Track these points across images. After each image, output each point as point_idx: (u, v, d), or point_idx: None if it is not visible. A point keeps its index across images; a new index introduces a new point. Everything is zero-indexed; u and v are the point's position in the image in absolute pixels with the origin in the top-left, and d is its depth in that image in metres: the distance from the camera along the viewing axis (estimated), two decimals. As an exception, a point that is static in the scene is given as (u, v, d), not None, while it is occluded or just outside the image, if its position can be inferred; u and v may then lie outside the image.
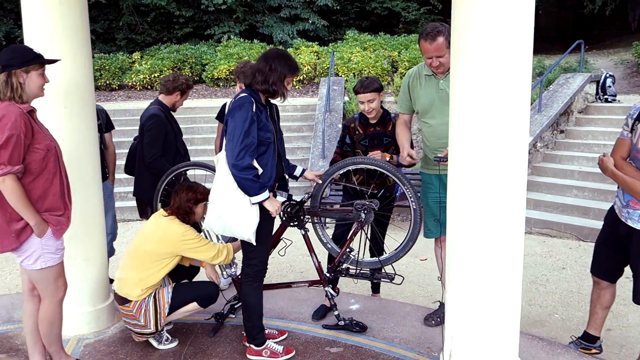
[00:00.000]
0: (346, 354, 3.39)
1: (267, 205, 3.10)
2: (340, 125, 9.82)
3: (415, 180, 5.73)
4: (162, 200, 3.99)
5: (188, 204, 3.45)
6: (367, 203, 3.40)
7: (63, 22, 3.39)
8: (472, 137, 2.60)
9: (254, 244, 3.13)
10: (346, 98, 10.97)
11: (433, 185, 3.56)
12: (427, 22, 18.51)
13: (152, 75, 13.68)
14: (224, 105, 4.62)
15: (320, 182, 3.52)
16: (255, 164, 3.06)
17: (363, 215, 3.41)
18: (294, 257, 5.88)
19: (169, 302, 3.37)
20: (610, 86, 9.13)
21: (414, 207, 3.34)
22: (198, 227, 3.72)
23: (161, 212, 3.50)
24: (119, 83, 13.76)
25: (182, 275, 3.64)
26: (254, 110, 3.05)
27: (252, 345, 3.33)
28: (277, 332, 3.59)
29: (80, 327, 3.64)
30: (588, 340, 3.59)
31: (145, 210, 4.43)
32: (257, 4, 17.41)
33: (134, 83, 13.57)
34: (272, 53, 3.17)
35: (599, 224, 6.40)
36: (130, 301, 3.33)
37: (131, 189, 4.38)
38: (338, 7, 17.61)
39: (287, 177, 3.45)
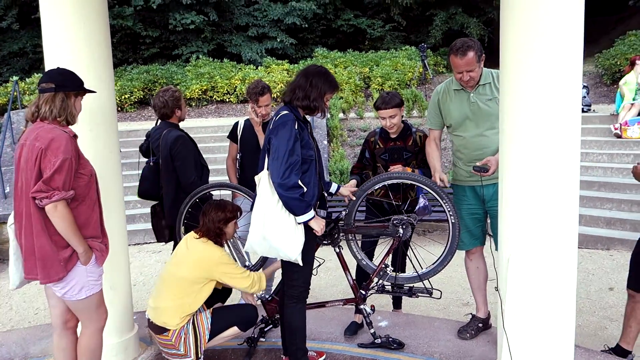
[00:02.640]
0: (389, 372, 3.35)
1: (312, 224, 3.04)
2: (325, 142, 9.83)
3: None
4: (185, 223, 3.86)
5: (218, 224, 3.35)
6: (405, 218, 3.39)
7: (87, 43, 3.28)
8: (528, 147, 2.63)
9: (301, 264, 3.06)
10: (328, 115, 10.99)
11: (466, 197, 3.58)
12: (392, 39, 18.89)
13: (123, 97, 13.42)
14: (236, 123, 4.56)
15: (354, 198, 3.49)
16: (300, 182, 3.01)
17: (401, 230, 3.39)
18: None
19: (209, 328, 3.25)
20: (585, 96, 9.47)
21: (452, 220, 3.34)
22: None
23: (192, 235, 3.39)
24: (88, 105, 13.41)
25: (215, 298, 3.52)
26: (296, 127, 3.01)
27: (296, 369, 3.25)
28: (315, 354, 3.51)
29: (107, 359, 3.46)
30: (620, 354, 3.61)
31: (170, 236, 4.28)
32: (224, 24, 17.39)
33: (104, 105, 13.24)
34: (311, 70, 3.14)
35: (598, 231, 6.70)
36: (169, 330, 3.19)
37: (135, 212, 4.26)
38: (305, 25, 17.78)
39: (325, 194, 3.40)
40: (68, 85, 2.71)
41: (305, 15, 17.63)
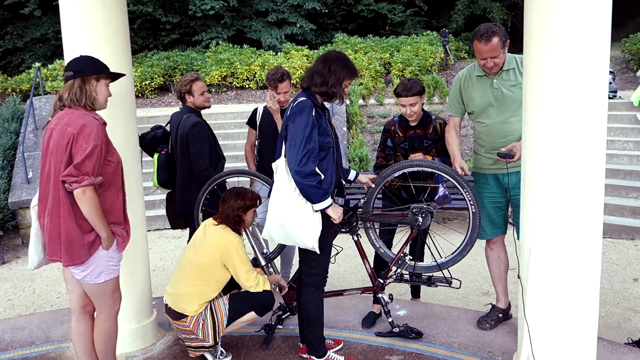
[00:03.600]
0: (408, 361, 3.32)
1: (330, 212, 3.01)
2: (344, 129, 9.76)
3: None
4: (204, 210, 3.86)
5: (237, 212, 3.33)
6: (425, 206, 3.33)
7: (106, 29, 3.27)
8: (552, 133, 2.55)
9: (318, 252, 3.04)
10: (347, 101, 10.93)
11: (489, 185, 3.51)
12: (413, 24, 18.65)
13: (143, 83, 13.49)
14: (255, 110, 4.52)
15: (373, 185, 3.44)
16: (317, 169, 2.97)
17: (420, 219, 3.34)
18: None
19: (227, 314, 3.25)
20: (610, 82, 9.24)
21: (473, 210, 3.28)
22: None
23: (211, 222, 3.38)
24: (109, 91, 13.51)
25: (233, 285, 3.51)
26: (314, 114, 2.97)
27: (313, 357, 3.23)
28: (333, 342, 3.49)
29: (126, 344, 3.50)
30: None
31: (185, 223, 4.30)
32: (244, 9, 17.32)
33: (125, 91, 13.33)
34: (330, 55, 3.09)
35: (623, 220, 6.54)
36: (187, 316, 3.20)
37: (155, 198, 4.28)
38: (325, 11, 17.62)
39: (343, 182, 3.36)
40: (86, 70, 2.74)
41: (325, 0, 17.46)
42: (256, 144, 4.49)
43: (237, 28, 17.17)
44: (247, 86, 13.95)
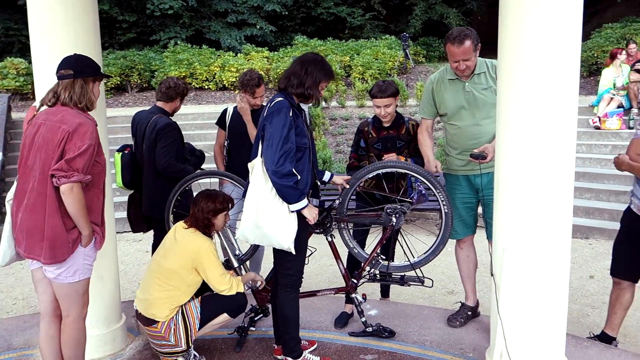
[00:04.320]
0: (382, 360, 3.35)
1: (305, 212, 3.01)
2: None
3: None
4: (174, 212, 3.80)
5: (207, 215, 3.28)
6: (399, 207, 3.38)
7: (74, 28, 3.17)
8: (524, 137, 2.64)
9: (294, 252, 3.03)
10: (322, 103, 10.97)
11: (460, 186, 3.58)
12: (371, 28, 18.85)
13: (99, 83, 13.11)
14: (225, 110, 4.48)
15: (348, 187, 3.46)
16: (294, 170, 2.97)
17: (394, 219, 3.38)
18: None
19: (199, 317, 3.21)
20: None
21: (445, 210, 3.34)
22: None
23: (181, 225, 3.33)
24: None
25: (205, 288, 3.46)
26: (291, 115, 2.97)
27: (289, 358, 3.23)
28: (307, 343, 3.49)
29: (95, 350, 3.40)
30: (605, 340, 3.65)
31: (148, 226, 4.23)
32: (203, 9, 17.12)
33: (80, 91, 12.94)
34: (308, 57, 3.10)
35: (577, 220, 6.76)
36: (158, 322, 3.14)
37: (115, 200, 4.14)
38: (285, 13, 17.61)
39: (318, 182, 3.37)
40: (86, 71, 2.74)
41: (285, 2, 17.45)
42: (225, 144, 4.46)
43: (195, 28, 16.95)
44: (206, 87, 13.79)
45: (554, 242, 2.73)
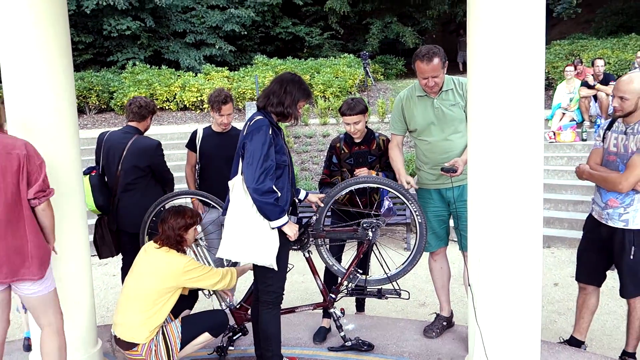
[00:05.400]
0: (363, 373, 3.39)
1: (286, 229, 3.06)
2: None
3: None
4: (149, 233, 3.77)
5: (178, 231, 3.28)
6: (375, 221, 3.45)
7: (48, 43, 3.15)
8: (496, 149, 2.76)
9: (276, 269, 3.06)
10: (300, 122, 11.07)
11: (432, 199, 3.68)
12: (330, 47, 19.12)
13: (56, 105, 12.84)
14: (195, 132, 4.48)
15: (322, 205, 3.52)
16: (274, 187, 3.01)
17: (370, 234, 3.45)
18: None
19: (180, 337, 3.18)
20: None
21: (419, 220, 3.43)
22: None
23: (152, 245, 3.30)
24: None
25: (183, 305, 3.44)
26: (270, 133, 3.02)
27: (270, 376, 3.23)
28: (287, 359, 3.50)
29: (72, 375, 3.32)
30: (574, 344, 3.77)
31: (117, 249, 4.23)
32: (161, 30, 17.04)
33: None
34: (286, 77, 3.16)
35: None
36: (138, 344, 3.10)
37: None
38: (244, 33, 17.70)
39: (296, 200, 3.42)
40: None
41: (244, 22, 17.55)
42: (197, 167, 4.45)
43: (154, 49, 16.83)
44: (167, 107, 13.69)
45: (526, 251, 2.84)
